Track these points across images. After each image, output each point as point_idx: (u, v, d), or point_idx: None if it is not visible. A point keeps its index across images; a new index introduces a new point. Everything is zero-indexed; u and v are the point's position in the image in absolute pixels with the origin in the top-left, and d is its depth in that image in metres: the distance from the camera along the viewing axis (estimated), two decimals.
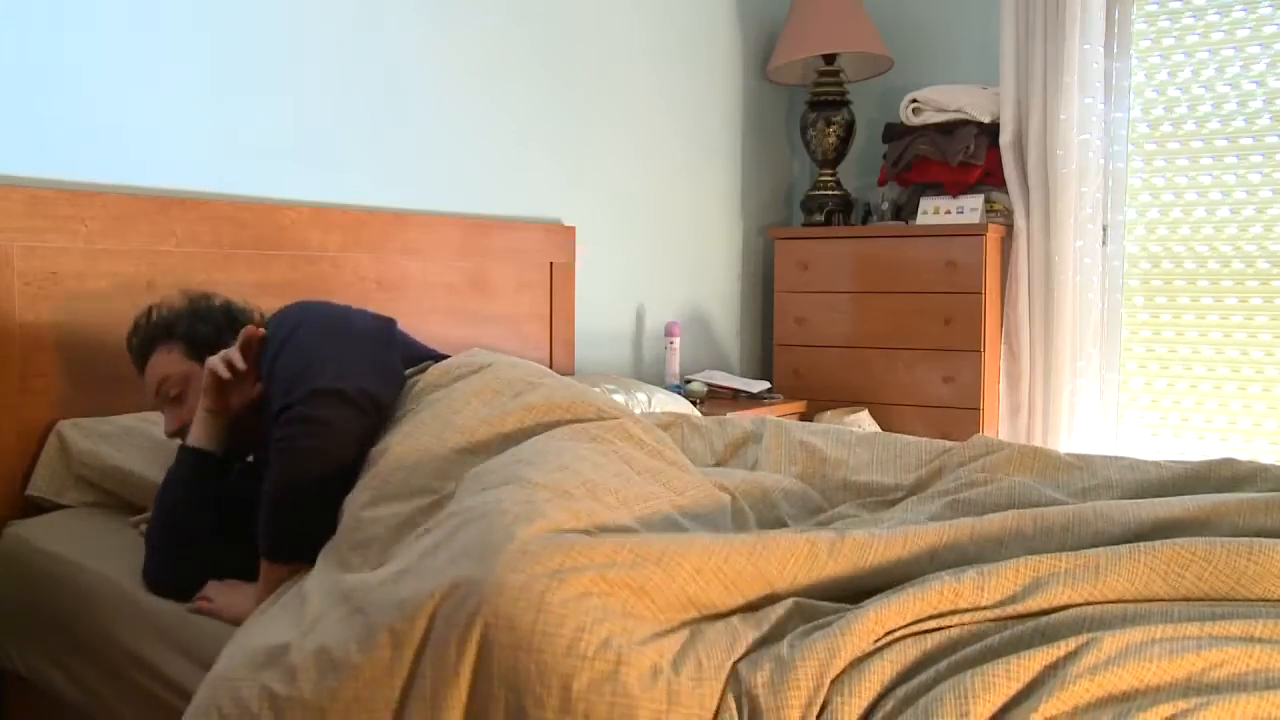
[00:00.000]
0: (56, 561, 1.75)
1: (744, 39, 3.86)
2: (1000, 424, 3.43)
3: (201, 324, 1.77)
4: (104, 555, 1.72)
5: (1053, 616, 1.05)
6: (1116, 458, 1.71)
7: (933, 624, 1.06)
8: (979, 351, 3.33)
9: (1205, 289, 3.34)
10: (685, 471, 1.48)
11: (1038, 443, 3.37)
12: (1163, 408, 3.43)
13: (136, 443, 1.92)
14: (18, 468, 1.95)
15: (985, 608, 1.07)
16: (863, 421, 3.33)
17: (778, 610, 1.10)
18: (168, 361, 1.74)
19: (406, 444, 1.44)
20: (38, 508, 1.94)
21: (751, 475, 1.64)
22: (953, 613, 1.07)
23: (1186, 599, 1.11)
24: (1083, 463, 1.70)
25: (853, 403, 3.52)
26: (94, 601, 1.64)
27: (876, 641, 1.03)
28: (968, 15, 3.71)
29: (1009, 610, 1.07)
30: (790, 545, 1.15)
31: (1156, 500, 1.33)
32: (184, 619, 1.51)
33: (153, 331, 1.77)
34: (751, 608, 1.12)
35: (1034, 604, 1.08)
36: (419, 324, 2.64)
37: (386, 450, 1.43)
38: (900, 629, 1.05)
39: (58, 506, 1.93)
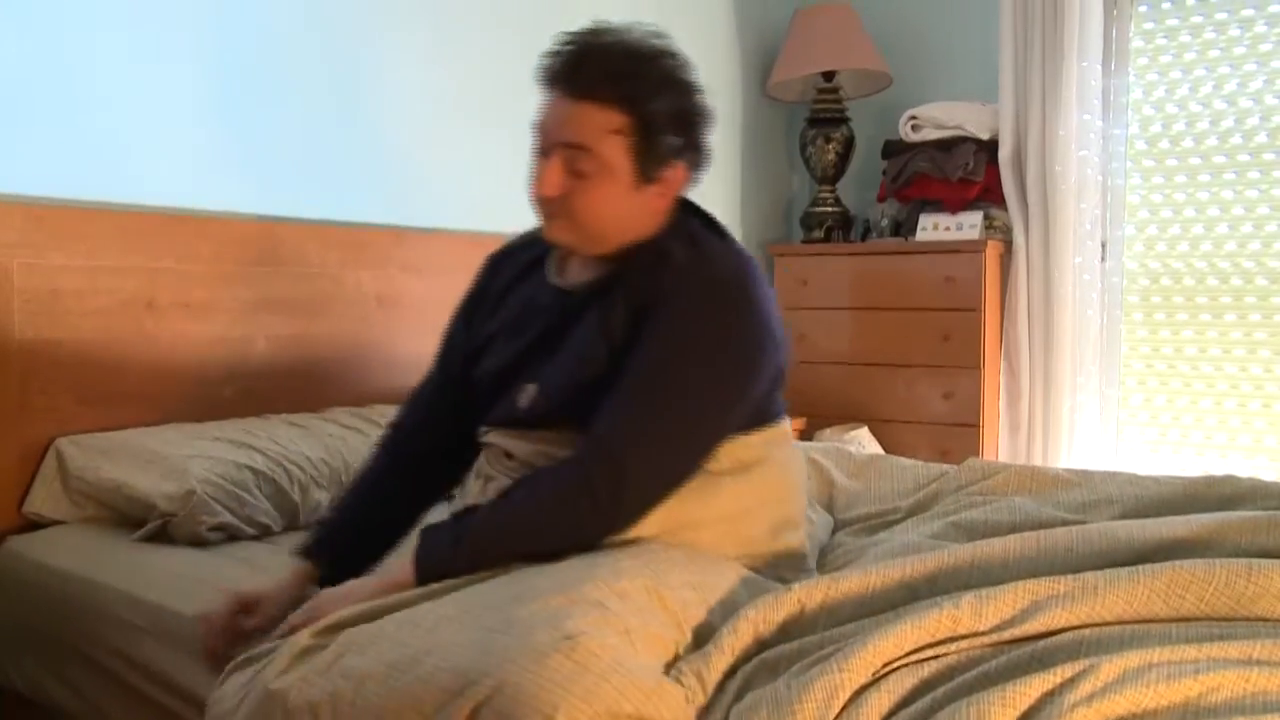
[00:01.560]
0: (56, 575, 1.75)
1: (743, 56, 3.87)
2: (1000, 440, 3.43)
3: (673, 137, 1.35)
4: (105, 566, 1.73)
5: (1050, 640, 1.05)
6: (1115, 473, 1.71)
7: (930, 652, 1.05)
8: (979, 368, 3.33)
9: (1203, 305, 3.34)
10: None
11: (1038, 459, 3.37)
12: (1162, 424, 3.42)
13: (134, 455, 1.92)
14: (17, 484, 1.95)
15: (983, 633, 1.07)
16: (862, 438, 3.32)
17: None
18: (605, 138, 1.33)
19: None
20: (35, 525, 1.94)
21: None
22: (950, 640, 1.06)
23: (1186, 620, 1.11)
24: (1081, 478, 1.70)
25: (852, 419, 3.51)
26: (97, 612, 1.64)
27: (875, 674, 1.02)
28: (966, 33, 3.72)
29: (1007, 634, 1.07)
30: (774, 607, 1.16)
31: (1160, 520, 1.33)
32: (191, 624, 1.50)
33: (610, 80, 1.33)
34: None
35: (1032, 627, 1.07)
36: (419, 341, 2.63)
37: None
38: (898, 659, 1.04)
39: (55, 523, 1.93)
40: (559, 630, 1.05)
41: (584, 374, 1.34)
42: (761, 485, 1.37)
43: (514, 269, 1.56)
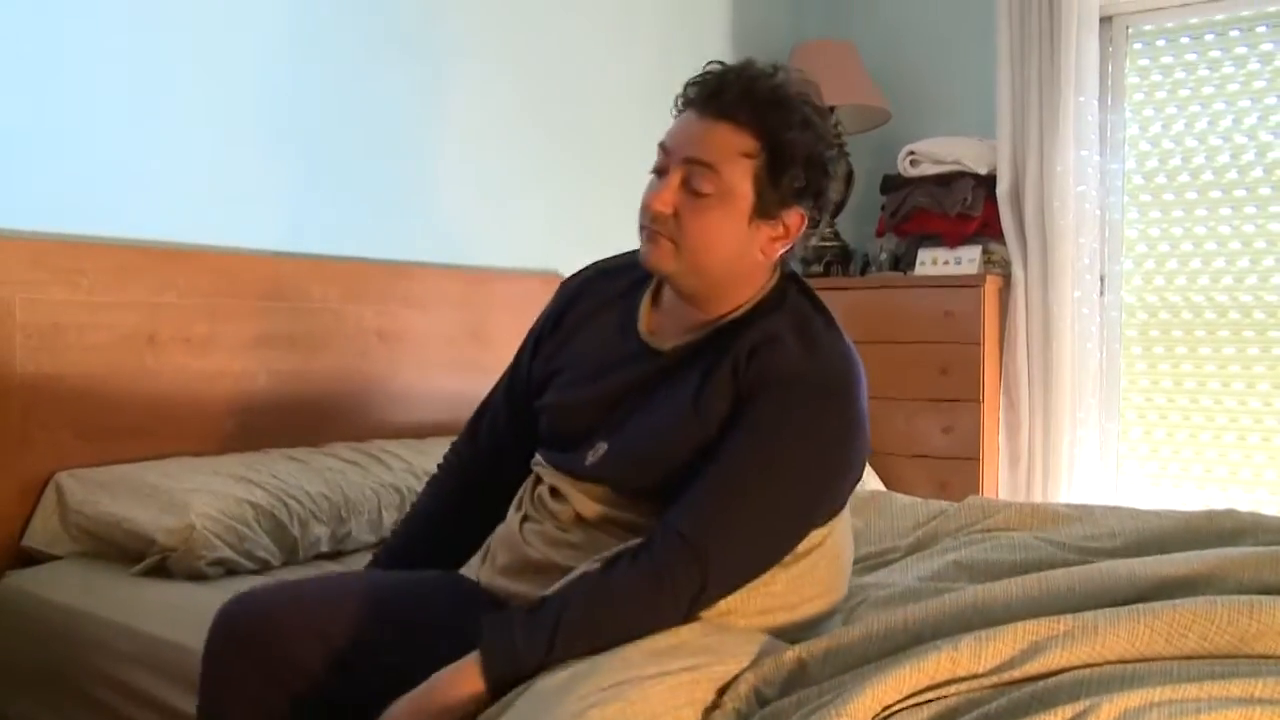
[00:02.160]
0: (55, 610, 1.75)
1: None
2: (1000, 474, 3.42)
3: (800, 176, 1.28)
4: (104, 600, 1.73)
5: (1051, 680, 1.04)
6: (1116, 508, 1.71)
7: (930, 695, 1.04)
8: (978, 402, 3.33)
9: (1202, 339, 3.35)
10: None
11: (1037, 492, 3.36)
12: (1162, 458, 3.42)
13: (133, 490, 1.92)
14: (17, 519, 1.94)
15: (983, 674, 1.06)
16: None
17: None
18: (732, 159, 1.27)
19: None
20: (34, 559, 1.94)
21: None
22: (950, 682, 1.05)
23: (1188, 658, 1.10)
24: (1082, 513, 1.70)
25: None
26: (96, 646, 1.64)
27: (875, 718, 1.01)
28: (964, 69, 3.75)
29: (1007, 676, 1.06)
30: (774, 666, 1.15)
31: (1161, 557, 1.32)
32: (188, 654, 1.50)
33: (749, 104, 1.28)
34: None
35: (1032, 668, 1.06)
36: (420, 376, 2.64)
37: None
38: (898, 703, 1.03)
39: (54, 557, 1.93)
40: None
41: (664, 447, 1.30)
42: (812, 576, 1.32)
43: (593, 301, 1.47)
